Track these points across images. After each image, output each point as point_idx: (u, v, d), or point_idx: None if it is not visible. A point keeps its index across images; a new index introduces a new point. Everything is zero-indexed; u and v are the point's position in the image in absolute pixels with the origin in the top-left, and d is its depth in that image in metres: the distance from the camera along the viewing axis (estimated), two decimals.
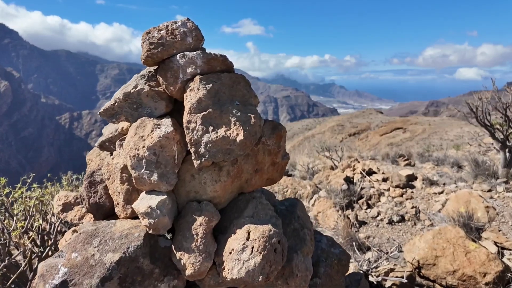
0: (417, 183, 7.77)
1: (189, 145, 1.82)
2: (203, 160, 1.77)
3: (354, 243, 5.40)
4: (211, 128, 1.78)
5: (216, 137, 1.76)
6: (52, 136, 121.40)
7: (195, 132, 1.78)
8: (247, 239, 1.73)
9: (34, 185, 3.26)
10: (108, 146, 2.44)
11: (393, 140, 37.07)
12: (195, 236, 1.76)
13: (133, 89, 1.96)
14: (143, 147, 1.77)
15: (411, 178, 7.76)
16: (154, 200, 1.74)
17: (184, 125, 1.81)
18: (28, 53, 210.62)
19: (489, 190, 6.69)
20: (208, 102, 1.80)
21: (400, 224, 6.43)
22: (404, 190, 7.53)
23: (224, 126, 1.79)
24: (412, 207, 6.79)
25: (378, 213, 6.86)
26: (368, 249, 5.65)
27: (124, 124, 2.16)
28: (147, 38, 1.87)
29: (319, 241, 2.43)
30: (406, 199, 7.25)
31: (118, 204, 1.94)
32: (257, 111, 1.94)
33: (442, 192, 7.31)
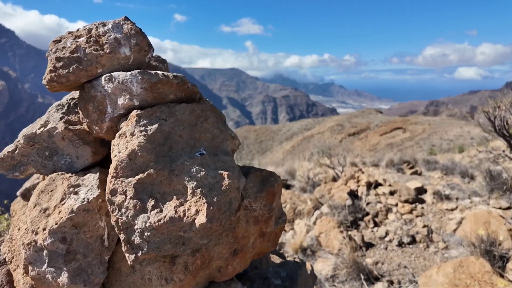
0: (427, 197, 7.13)
1: (116, 229, 1.06)
2: (139, 254, 1.03)
3: (361, 274, 4.73)
4: (151, 203, 1.04)
5: (159, 219, 1.01)
6: None
7: (123, 210, 1.03)
8: None
9: None
10: None
11: (392, 140, 36.66)
12: None
13: (41, 129, 1.25)
14: (44, 230, 1.06)
15: (420, 191, 7.11)
16: None
17: (107, 197, 1.07)
18: (25, 52, 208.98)
19: (508, 208, 6.05)
20: (148, 157, 1.07)
21: (411, 246, 5.80)
22: (414, 205, 6.89)
23: (175, 197, 1.06)
24: (424, 226, 6.16)
25: (387, 233, 6.23)
26: (377, 279, 5.01)
27: None
28: (54, 50, 1.16)
29: None
30: (416, 216, 6.61)
31: None
32: (234, 163, 1.19)
33: (455, 208, 6.68)
